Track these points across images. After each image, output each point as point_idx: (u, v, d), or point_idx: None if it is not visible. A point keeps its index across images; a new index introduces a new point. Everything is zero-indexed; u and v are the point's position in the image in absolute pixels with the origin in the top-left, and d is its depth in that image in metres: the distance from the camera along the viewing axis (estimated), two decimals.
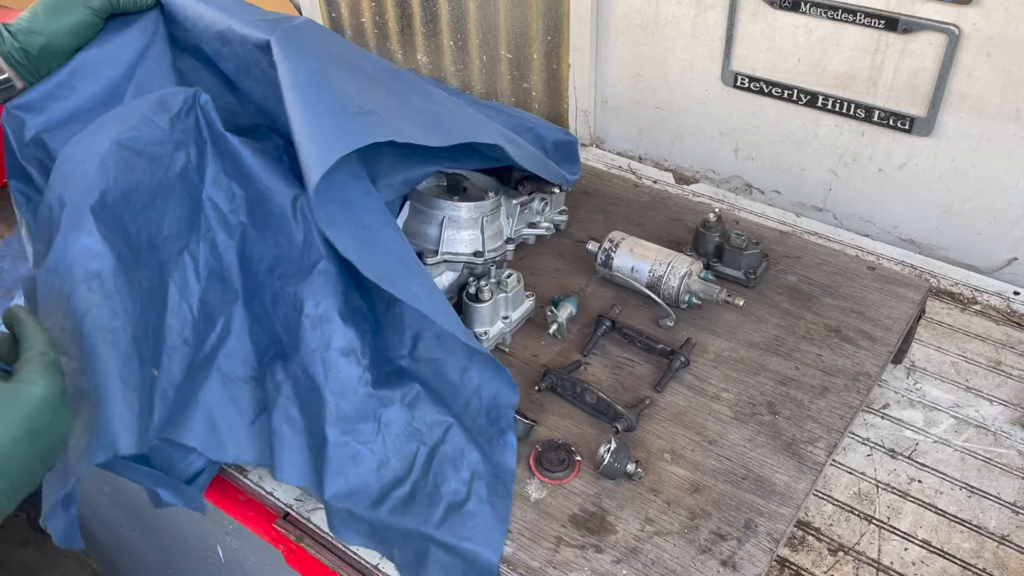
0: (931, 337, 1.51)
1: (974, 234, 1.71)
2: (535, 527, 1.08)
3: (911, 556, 1.16)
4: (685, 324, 1.39)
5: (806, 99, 1.77)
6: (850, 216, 1.86)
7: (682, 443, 1.20)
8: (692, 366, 1.31)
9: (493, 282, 1.33)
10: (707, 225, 1.49)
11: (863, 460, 1.30)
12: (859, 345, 1.35)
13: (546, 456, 1.16)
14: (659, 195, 1.75)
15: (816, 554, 1.17)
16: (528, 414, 1.20)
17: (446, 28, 2.33)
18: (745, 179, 1.99)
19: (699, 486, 1.13)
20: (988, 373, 1.43)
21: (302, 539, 1.24)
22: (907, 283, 1.47)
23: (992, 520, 1.21)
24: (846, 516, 1.22)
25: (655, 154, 2.11)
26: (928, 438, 1.33)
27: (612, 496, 1.12)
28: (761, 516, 1.09)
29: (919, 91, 1.63)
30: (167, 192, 1.12)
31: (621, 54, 2.02)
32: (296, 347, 1.13)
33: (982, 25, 1.50)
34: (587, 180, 1.76)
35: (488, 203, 1.42)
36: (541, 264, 1.55)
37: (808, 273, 1.50)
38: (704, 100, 1.94)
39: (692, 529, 1.08)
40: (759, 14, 1.75)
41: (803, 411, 1.24)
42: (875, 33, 1.62)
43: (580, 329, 1.39)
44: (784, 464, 1.16)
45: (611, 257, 1.43)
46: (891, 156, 1.74)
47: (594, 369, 1.32)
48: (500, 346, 1.35)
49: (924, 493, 1.25)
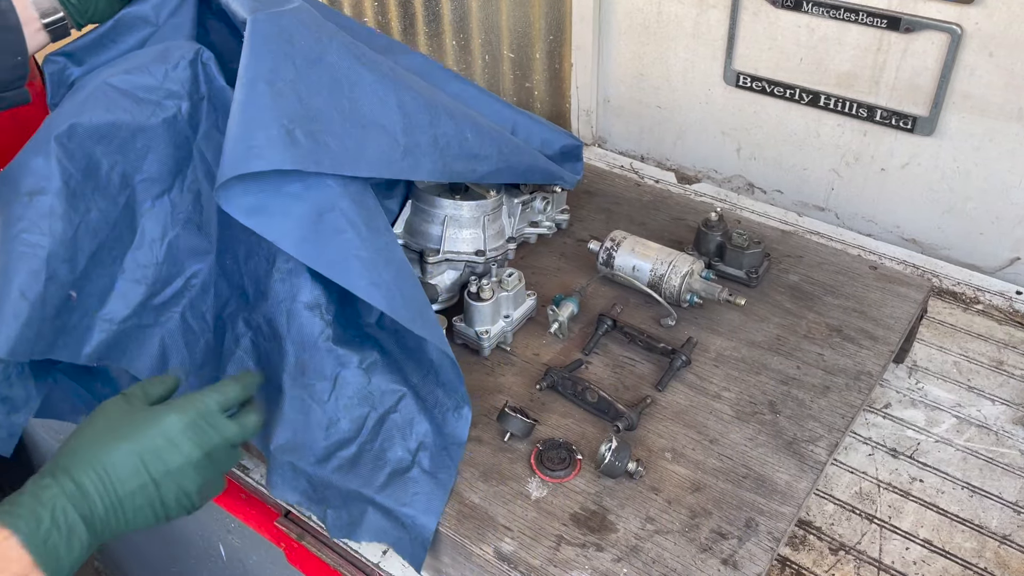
0: (933, 337, 1.51)
1: (976, 234, 1.71)
2: (536, 525, 1.08)
3: (912, 555, 1.16)
4: (686, 323, 1.39)
5: (808, 98, 1.77)
6: (852, 216, 1.86)
7: (683, 442, 1.20)
8: (693, 365, 1.31)
9: (495, 281, 1.34)
10: (709, 224, 1.49)
11: (864, 459, 1.30)
12: (861, 344, 1.35)
13: (547, 455, 1.16)
14: (661, 194, 1.75)
15: (817, 553, 1.17)
16: (529, 413, 1.20)
17: (448, 27, 2.34)
18: (747, 178, 1.99)
19: (700, 485, 1.13)
20: (990, 373, 1.43)
21: (303, 537, 1.24)
22: (909, 283, 1.47)
23: (994, 520, 1.21)
24: (847, 515, 1.22)
25: (657, 153, 2.11)
26: (930, 438, 1.33)
27: (613, 495, 1.12)
28: (762, 515, 1.09)
29: (921, 90, 1.63)
30: (150, 136, 1.15)
31: (623, 53, 2.02)
32: (263, 297, 1.15)
33: (984, 24, 1.50)
34: (589, 179, 1.77)
35: (490, 202, 1.42)
36: (542, 263, 1.55)
37: (810, 272, 1.50)
38: (706, 99, 1.94)
39: (693, 528, 1.08)
40: (761, 13, 1.75)
41: (804, 410, 1.24)
42: (877, 32, 1.62)
43: (581, 328, 1.39)
44: (785, 463, 1.16)
45: (613, 256, 1.43)
46: (893, 155, 1.73)
47: (595, 368, 1.32)
48: (501, 345, 1.35)
49: (926, 493, 1.25)
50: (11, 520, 0.79)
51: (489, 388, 1.29)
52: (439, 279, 1.40)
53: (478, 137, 1.30)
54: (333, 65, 1.14)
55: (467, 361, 1.33)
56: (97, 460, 0.84)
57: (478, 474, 1.15)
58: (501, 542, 1.06)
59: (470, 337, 1.33)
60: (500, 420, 1.19)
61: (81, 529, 0.82)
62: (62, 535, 0.80)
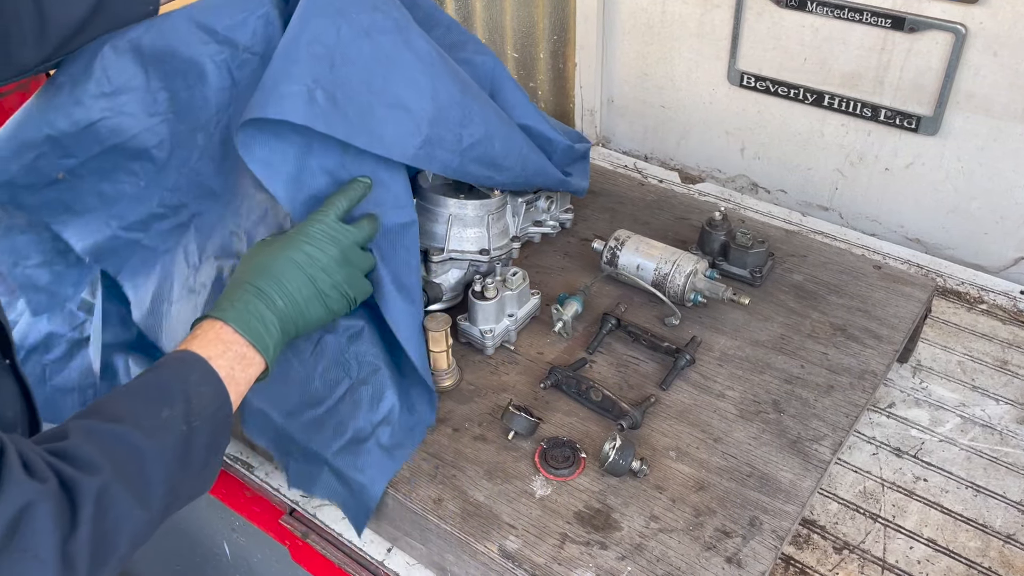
0: (937, 336, 1.51)
1: (981, 233, 1.71)
2: (540, 524, 1.09)
3: (916, 555, 1.16)
4: (690, 322, 1.39)
5: (812, 98, 1.77)
6: (856, 215, 1.86)
7: (687, 441, 1.20)
8: (697, 364, 1.31)
9: (499, 280, 1.34)
10: (713, 223, 1.49)
11: (868, 459, 1.30)
12: (865, 344, 1.35)
13: (551, 453, 1.16)
14: (665, 194, 1.75)
15: (821, 552, 1.17)
16: (533, 411, 1.20)
17: None
18: (751, 178, 1.99)
19: (704, 483, 1.14)
20: (994, 372, 1.43)
21: (308, 535, 1.25)
22: (913, 282, 1.47)
23: (998, 519, 1.21)
24: (851, 514, 1.22)
25: (661, 153, 2.11)
26: (934, 437, 1.33)
27: (617, 493, 1.12)
28: (766, 514, 1.09)
29: (926, 90, 1.63)
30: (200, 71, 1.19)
31: (627, 53, 2.02)
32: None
33: (989, 24, 1.50)
34: (593, 179, 1.76)
35: (494, 201, 1.42)
36: (547, 262, 1.55)
37: (814, 272, 1.50)
38: (710, 99, 1.94)
39: (697, 526, 1.08)
40: (765, 13, 1.75)
41: (808, 409, 1.24)
42: (881, 32, 1.62)
43: (585, 327, 1.39)
44: (789, 462, 1.16)
45: (616, 255, 1.43)
46: (897, 155, 1.73)
47: (599, 367, 1.32)
48: (505, 344, 1.36)
49: (930, 492, 1.25)
50: (220, 314, 0.96)
51: (493, 387, 1.29)
52: (443, 278, 1.40)
53: (505, 149, 1.31)
54: (377, 41, 1.15)
55: (471, 360, 1.34)
56: (267, 270, 1.01)
57: (482, 472, 1.15)
58: (506, 540, 1.06)
59: (474, 336, 1.34)
60: (504, 418, 1.19)
61: (272, 319, 0.99)
62: (262, 324, 0.97)
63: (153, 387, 0.86)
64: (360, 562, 1.21)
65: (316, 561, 1.25)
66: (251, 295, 0.99)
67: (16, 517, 0.67)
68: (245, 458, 1.35)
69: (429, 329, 1.23)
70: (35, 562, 0.68)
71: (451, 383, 1.28)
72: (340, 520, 1.24)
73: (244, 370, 0.94)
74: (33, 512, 0.69)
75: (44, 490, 0.70)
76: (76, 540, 0.71)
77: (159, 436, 0.81)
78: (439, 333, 1.23)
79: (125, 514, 0.76)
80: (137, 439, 0.79)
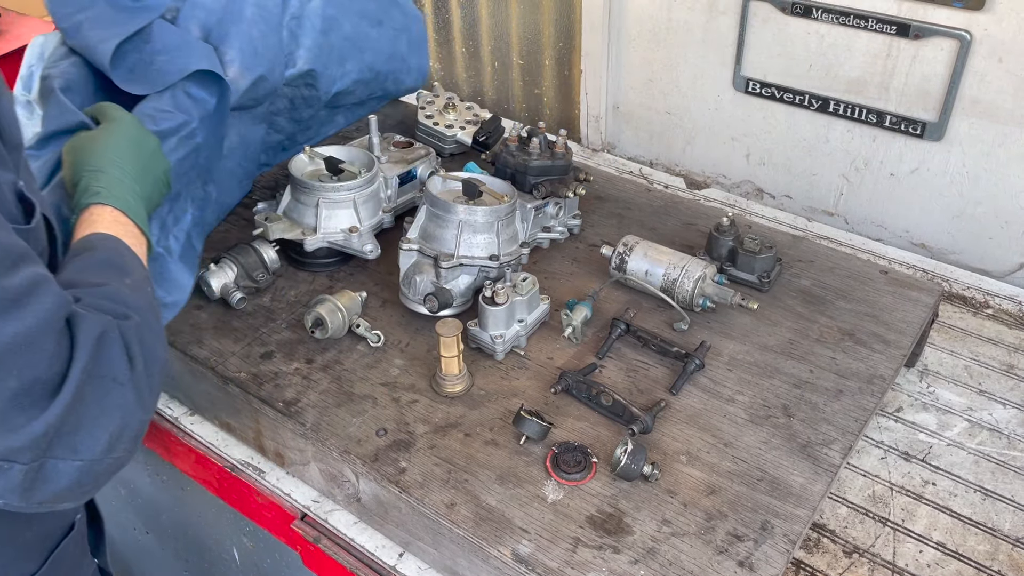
0: (944, 341, 1.52)
1: (986, 238, 1.72)
2: (553, 528, 1.09)
3: (926, 558, 1.17)
4: (699, 327, 1.40)
5: (817, 104, 1.78)
6: (862, 220, 1.87)
7: (698, 445, 1.20)
8: (707, 369, 1.32)
9: (508, 285, 1.34)
10: (720, 229, 1.50)
11: (877, 463, 1.30)
12: (873, 348, 1.36)
13: (563, 458, 1.17)
14: (671, 200, 1.76)
15: (831, 556, 1.17)
16: (544, 416, 1.21)
17: (459, 34, 2.35)
18: (756, 184, 2.00)
19: (715, 488, 1.14)
20: (1001, 376, 1.44)
21: (320, 540, 1.25)
22: (920, 287, 1.48)
23: (1007, 522, 1.21)
24: (861, 518, 1.22)
25: (666, 159, 2.12)
26: (942, 441, 1.34)
27: (629, 497, 1.13)
28: (777, 517, 1.10)
29: (930, 96, 1.64)
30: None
31: (633, 60, 2.03)
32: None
33: (993, 30, 1.51)
34: (600, 185, 1.78)
35: (503, 207, 1.43)
36: (556, 268, 1.56)
37: (821, 277, 1.51)
38: (715, 105, 1.95)
39: (709, 530, 1.09)
40: (771, 20, 1.76)
41: (818, 414, 1.25)
42: (887, 39, 1.63)
43: (595, 332, 1.40)
44: (799, 466, 1.17)
45: (625, 261, 1.44)
46: (903, 161, 1.74)
47: (609, 372, 1.33)
48: (516, 349, 1.36)
49: (938, 496, 1.25)
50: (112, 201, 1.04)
51: (504, 391, 1.29)
52: (454, 283, 1.41)
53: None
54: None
55: (482, 365, 1.34)
56: (107, 159, 1.09)
57: (494, 477, 1.16)
58: (519, 544, 1.07)
59: (485, 341, 1.34)
60: (516, 423, 1.20)
61: (137, 204, 1.08)
62: (135, 207, 1.07)
63: (106, 263, 0.97)
64: (372, 567, 1.22)
65: (328, 565, 1.25)
66: (114, 183, 1.07)
67: (98, 340, 0.81)
68: (256, 463, 1.35)
69: (441, 334, 1.23)
70: (115, 385, 0.83)
71: (462, 388, 1.29)
72: (353, 525, 1.25)
73: (139, 248, 1.04)
74: (107, 339, 0.82)
75: (111, 322, 0.84)
76: (135, 369, 0.85)
77: (142, 291, 0.95)
78: (450, 338, 1.23)
79: (156, 347, 0.91)
80: (130, 296, 0.92)
